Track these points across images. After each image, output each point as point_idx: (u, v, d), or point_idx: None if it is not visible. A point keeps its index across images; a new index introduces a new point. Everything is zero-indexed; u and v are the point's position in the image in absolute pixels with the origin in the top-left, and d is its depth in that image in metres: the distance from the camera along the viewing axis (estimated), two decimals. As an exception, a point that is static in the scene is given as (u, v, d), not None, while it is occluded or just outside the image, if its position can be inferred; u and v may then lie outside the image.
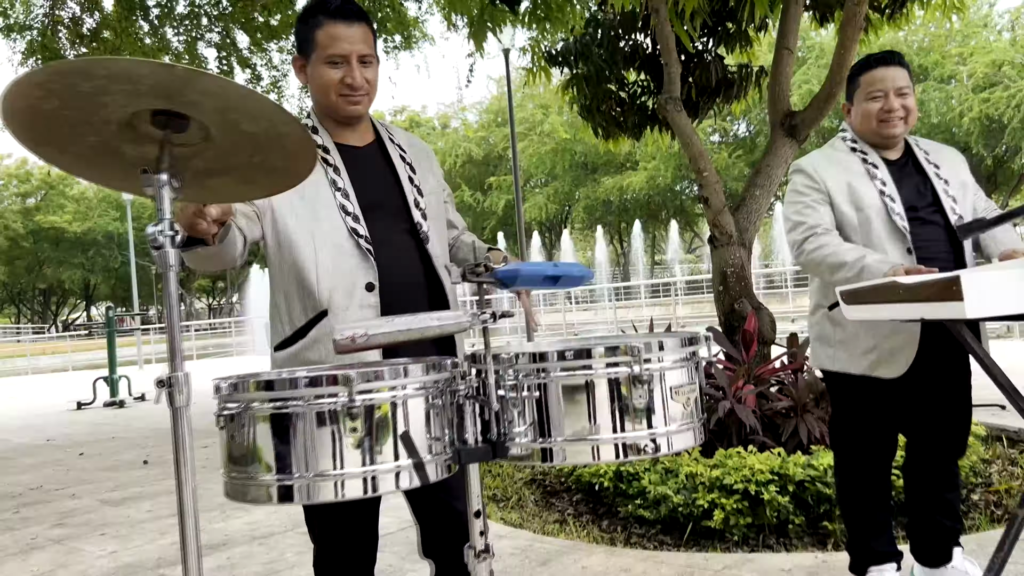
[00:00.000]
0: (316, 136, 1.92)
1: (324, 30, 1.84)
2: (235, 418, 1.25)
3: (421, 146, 2.12)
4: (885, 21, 6.58)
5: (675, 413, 1.35)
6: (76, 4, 9.61)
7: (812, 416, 3.89)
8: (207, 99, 0.98)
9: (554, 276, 1.35)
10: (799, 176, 2.56)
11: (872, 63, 2.49)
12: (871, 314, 1.95)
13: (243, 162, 1.16)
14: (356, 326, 1.24)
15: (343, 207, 1.85)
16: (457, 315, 1.31)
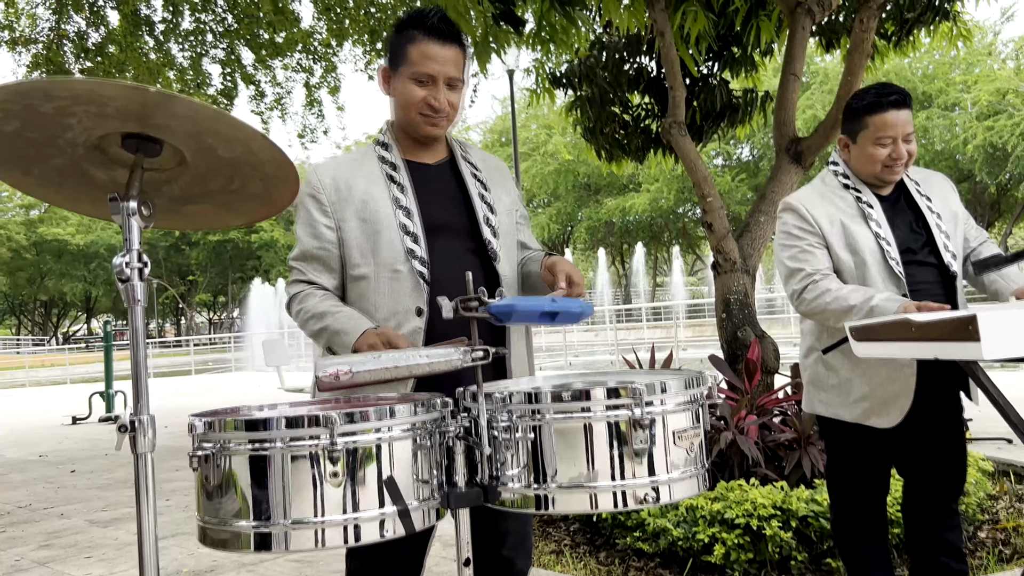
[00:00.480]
0: (387, 152, 1.90)
1: (417, 46, 1.81)
2: (209, 459, 1.18)
3: (496, 164, 2.08)
4: (891, 48, 6.56)
5: (678, 459, 1.28)
6: (82, 19, 9.62)
7: (816, 448, 3.80)
8: (179, 122, 0.92)
9: (551, 312, 1.28)
10: (790, 216, 2.44)
11: (884, 104, 2.31)
12: (882, 352, 1.88)
13: (220, 188, 1.09)
14: (341, 363, 1.17)
15: (404, 226, 1.81)
16: (448, 352, 1.24)
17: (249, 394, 12.84)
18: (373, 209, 1.82)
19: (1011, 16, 37.13)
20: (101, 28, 9.73)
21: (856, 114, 2.38)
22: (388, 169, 1.87)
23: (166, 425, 10.07)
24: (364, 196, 1.84)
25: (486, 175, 1.98)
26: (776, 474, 3.76)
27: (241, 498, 1.16)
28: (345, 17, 9.61)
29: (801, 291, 2.35)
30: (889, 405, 2.29)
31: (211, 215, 1.21)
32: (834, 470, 2.56)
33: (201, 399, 13.94)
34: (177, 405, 12.68)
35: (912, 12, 6.18)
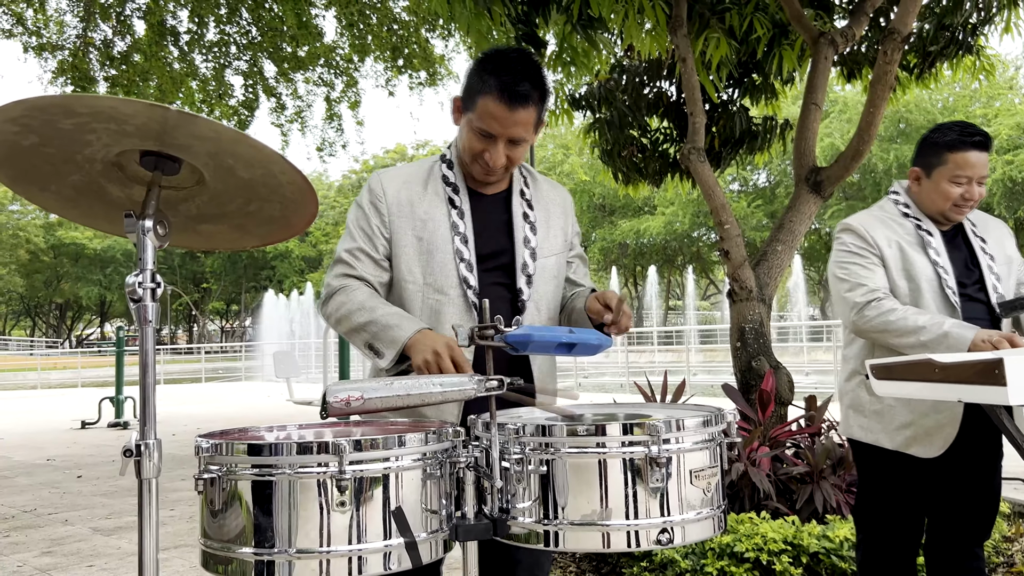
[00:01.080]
0: (450, 172, 1.87)
1: (486, 101, 1.73)
2: (215, 482, 1.15)
3: (559, 199, 2.01)
4: (913, 80, 6.54)
5: (694, 500, 1.24)
6: (109, 27, 9.75)
7: (829, 483, 3.74)
8: (199, 142, 0.91)
9: (569, 343, 1.25)
10: (849, 235, 2.43)
11: (968, 144, 2.31)
12: (903, 391, 1.83)
13: (238, 209, 1.08)
14: (352, 388, 1.15)
15: (459, 252, 1.79)
16: (461, 381, 1.22)
17: (258, 405, 12.85)
18: (432, 229, 1.81)
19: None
20: (127, 37, 9.85)
21: (936, 149, 2.37)
22: (450, 191, 1.85)
23: (174, 433, 10.08)
24: (424, 215, 1.82)
25: (541, 214, 1.93)
26: (788, 508, 3.70)
27: (245, 523, 1.13)
28: (368, 33, 9.69)
29: (864, 305, 2.31)
30: (933, 435, 2.25)
31: (227, 236, 1.20)
32: (866, 503, 2.50)
33: (210, 408, 13.96)
34: (186, 413, 12.70)
35: (935, 45, 6.15)
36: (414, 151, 41.70)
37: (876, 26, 6.05)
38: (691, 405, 1.48)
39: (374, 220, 1.82)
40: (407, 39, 9.63)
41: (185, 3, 9.31)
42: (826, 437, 4.03)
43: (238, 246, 1.25)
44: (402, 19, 9.44)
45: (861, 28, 5.39)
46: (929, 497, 2.43)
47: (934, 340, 2.14)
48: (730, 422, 1.33)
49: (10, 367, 31.46)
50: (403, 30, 9.57)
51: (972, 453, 2.32)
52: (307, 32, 9.39)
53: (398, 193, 1.84)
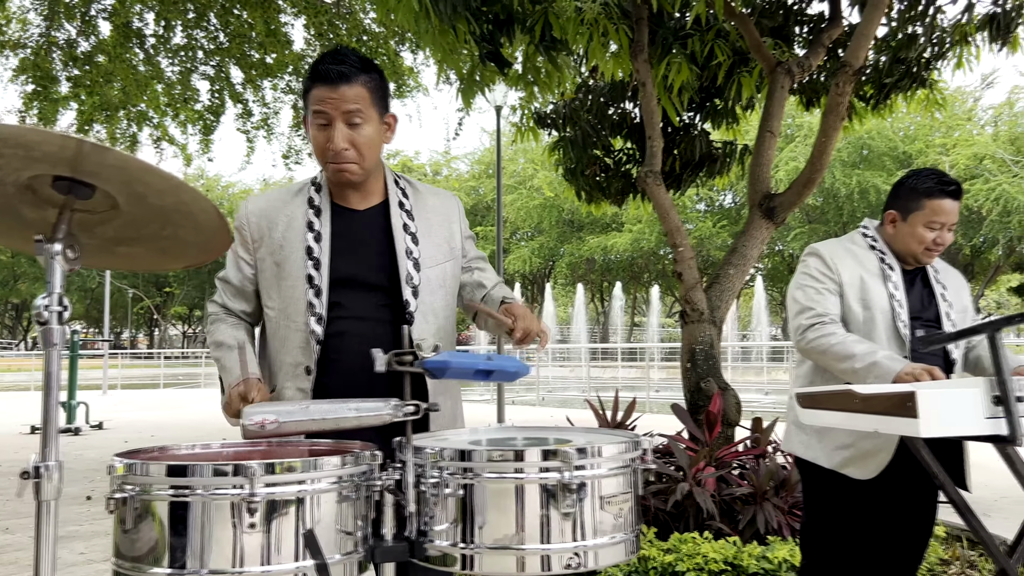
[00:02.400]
0: (316, 195, 1.85)
1: (312, 92, 1.77)
2: (128, 502, 1.16)
3: (441, 207, 1.98)
4: (869, 110, 6.70)
5: (605, 525, 1.27)
6: (73, 27, 9.62)
7: (771, 505, 3.80)
8: (109, 171, 0.92)
9: (486, 370, 1.28)
10: (815, 260, 2.53)
11: (945, 192, 2.42)
12: (826, 420, 1.89)
13: (154, 233, 1.10)
14: (268, 412, 1.16)
15: (310, 278, 1.77)
16: (377, 407, 1.24)
17: (215, 412, 12.69)
18: (286, 255, 1.80)
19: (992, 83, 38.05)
20: (92, 37, 9.73)
21: (914, 194, 2.46)
22: (311, 214, 1.82)
23: (126, 440, 9.91)
24: (281, 240, 1.82)
25: (423, 224, 1.90)
26: (731, 528, 3.76)
27: (158, 543, 1.14)
28: (337, 43, 9.67)
29: (807, 327, 2.42)
30: (868, 458, 2.32)
31: (146, 258, 1.21)
32: (808, 519, 2.57)
33: (166, 414, 13.74)
34: (142, 420, 12.49)
35: (891, 78, 6.31)
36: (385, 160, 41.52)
37: (835, 56, 6.20)
38: (615, 431, 1.51)
39: (239, 247, 1.85)
40: (376, 50, 9.64)
41: (152, 6, 9.23)
42: (771, 459, 4.10)
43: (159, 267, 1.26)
44: (372, 31, 9.46)
45: (818, 58, 5.53)
46: (864, 519, 2.49)
47: (864, 368, 2.22)
48: (647, 448, 1.37)
49: (-39, 368, 30.66)
50: (372, 41, 9.58)
51: (907, 478, 2.39)
52: (275, 40, 9.35)
53: (260, 219, 1.85)
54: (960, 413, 1.64)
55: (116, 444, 9.63)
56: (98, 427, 11.00)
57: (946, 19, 5.97)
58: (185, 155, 11.03)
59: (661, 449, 4.33)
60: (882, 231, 2.58)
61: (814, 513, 2.54)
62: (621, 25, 4.91)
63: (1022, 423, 1.65)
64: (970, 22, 5.80)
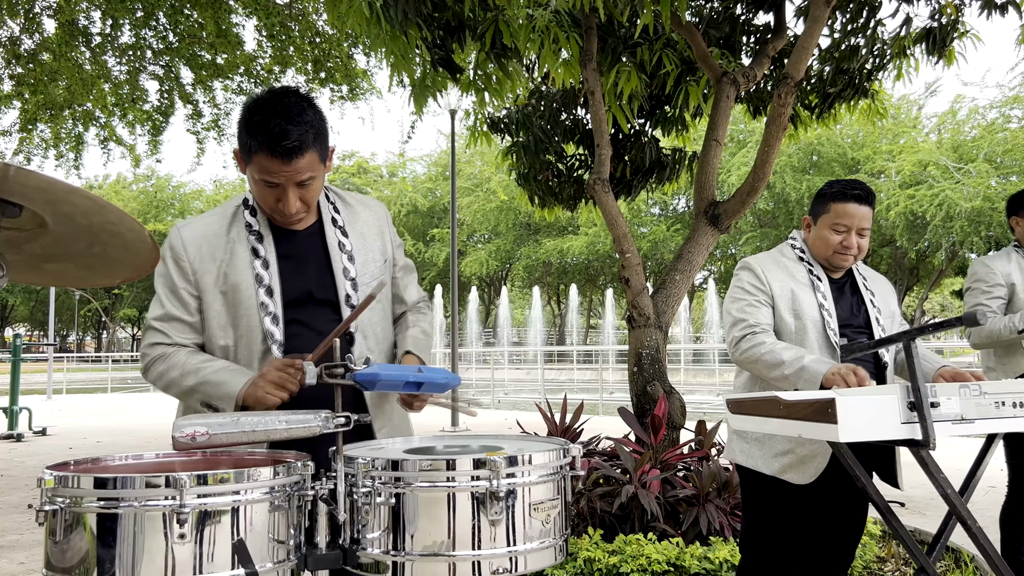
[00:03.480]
0: (254, 219, 1.82)
1: (259, 158, 1.70)
2: (57, 514, 1.17)
3: (371, 219, 1.97)
4: (814, 119, 6.87)
5: (533, 531, 1.32)
6: (16, 24, 9.40)
7: (714, 506, 3.89)
8: (35, 192, 0.94)
9: (417, 382, 1.31)
10: (746, 273, 2.62)
11: (848, 196, 2.52)
12: (753, 426, 1.96)
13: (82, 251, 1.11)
14: (198, 424, 1.18)
15: (264, 305, 1.75)
16: (307, 419, 1.26)
17: (162, 416, 12.45)
18: (234, 283, 1.77)
19: (935, 91, 39.15)
20: (36, 35, 9.51)
21: (823, 199, 2.60)
22: (254, 240, 1.80)
23: (71, 447, 9.69)
24: (226, 268, 1.78)
25: (356, 240, 1.90)
26: (675, 529, 3.84)
27: (88, 555, 1.15)
28: (289, 45, 9.61)
29: (739, 339, 2.50)
30: (806, 463, 2.42)
31: (74, 274, 1.22)
32: (747, 523, 2.66)
33: (112, 420, 13.45)
34: (87, 426, 12.22)
35: (834, 87, 6.49)
36: (340, 161, 41.25)
37: (781, 66, 6.36)
38: (544, 438, 1.56)
39: (178, 279, 1.78)
40: (329, 52, 9.59)
41: (98, 4, 9.06)
42: (713, 461, 4.19)
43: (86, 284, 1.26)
44: (324, 32, 9.40)
45: (762, 68, 5.66)
46: (801, 522, 2.59)
47: (794, 374, 2.31)
48: (576, 456, 1.41)
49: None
50: (325, 43, 9.53)
51: (841, 482, 2.49)
52: (226, 41, 9.24)
53: (200, 248, 1.79)
54: (877, 418, 1.72)
55: (59, 451, 9.41)
56: (41, 433, 10.74)
57: (886, 32, 6.16)
58: (133, 156, 10.84)
59: (607, 452, 4.41)
60: (805, 238, 2.69)
61: (752, 517, 2.63)
62: (572, 33, 4.98)
63: (935, 428, 1.74)
64: (908, 35, 5.99)
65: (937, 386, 1.81)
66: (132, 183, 45.12)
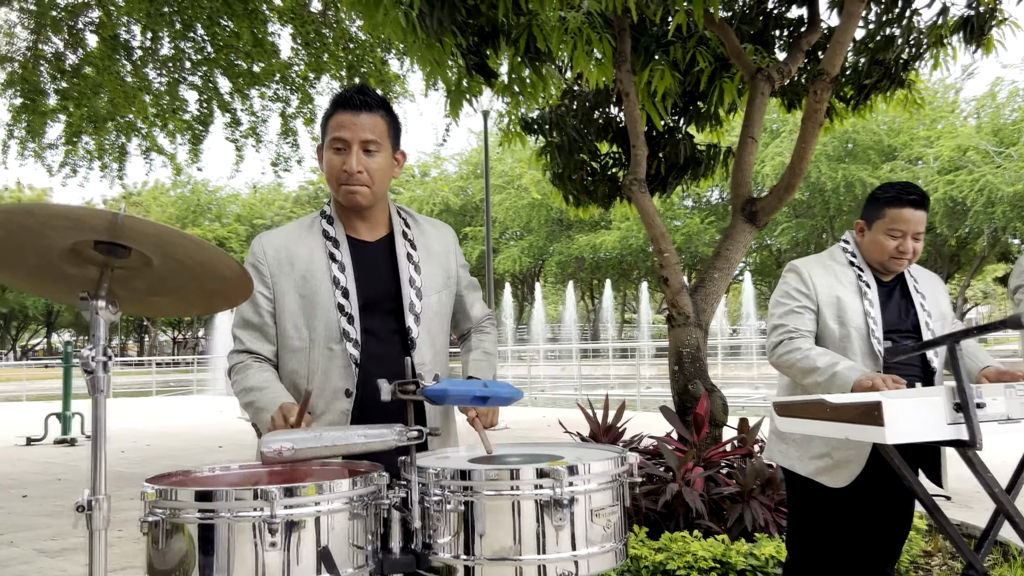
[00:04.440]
0: (330, 227, 1.95)
1: (334, 119, 1.90)
2: (159, 525, 1.27)
3: (438, 235, 2.10)
4: (849, 110, 6.83)
5: (595, 536, 1.39)
6: (60, 40, 9.67)
7: (758, 503, 3.93)
8: (145, 236, 1.03)
9: (483, 396, 1.39)
10: (793, 277, 2.64)
11: (903, 201, 2.53)
12: (800, 428, 2.01)
13: (182, 285, 1.20)
14: (284, 440, 1.27)
15: (340, 306, 1.87)
16: (383, 433, 1.35)
17: (209, 420, 12.74)
18: (313, 286, 1.89)
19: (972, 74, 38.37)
20: (79, 50, 9.77)
21: (877, 203, 2.60)
22: (330, 245, 1.93)
23: (123, 450, 9.97)
24: (304, 271, 1.90)
25: (423, 253, 2.02)
26: (719, 527, 3.88)
27: (188, 562, 1.25)
28: (324, 51, 9.76)
29: (776, 344, 2.55)
30: (841, 468, 2.45)
31: (172, 306, 1.32)
32: (792, 522, 2.70)
33: (160, 423, 13.78)
34: (135, 429, 12.54)
35: (869, 79, 6.45)
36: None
37: (815, 59, 6.34)
38: (602, 446, 1.63)
39: (257, 285, 1.89)
40: (362, 58, 9.73)
41: (139, 18, 9.28)
42: (756, 458, 4.22)
43: (182, 313, 1.36)
44: (358, 38, 9.54)
45: (797, 63, 5.66)
46: (845, 520, 2.62)
47: (826, 380, 2.34)
48: (632, 463, 1.48)
49: (-49, 379, 30.54)
50: (359, 49, 9.67)
51: (881, 483, 2.52)
52: (262, 49, 9.42)
53: (278, 253, 1.93)
54: (923, 420, 1.77)
55: (111, 454, 9.68)
56: (93, 437, 11.04)
57: (922, 21, 6.11)
58: (174, 165, 11.08)
59: (650, 450, 4.46)
60: (857, 242, 2.70)
61: (797, 516, 2.67)
62: (604, 34, 5.02)
63: (981, 428, 1.77)
64: (945, 25, 5.93)
65: (983, 387, 1.84)
66: (170, 188, 45.92)
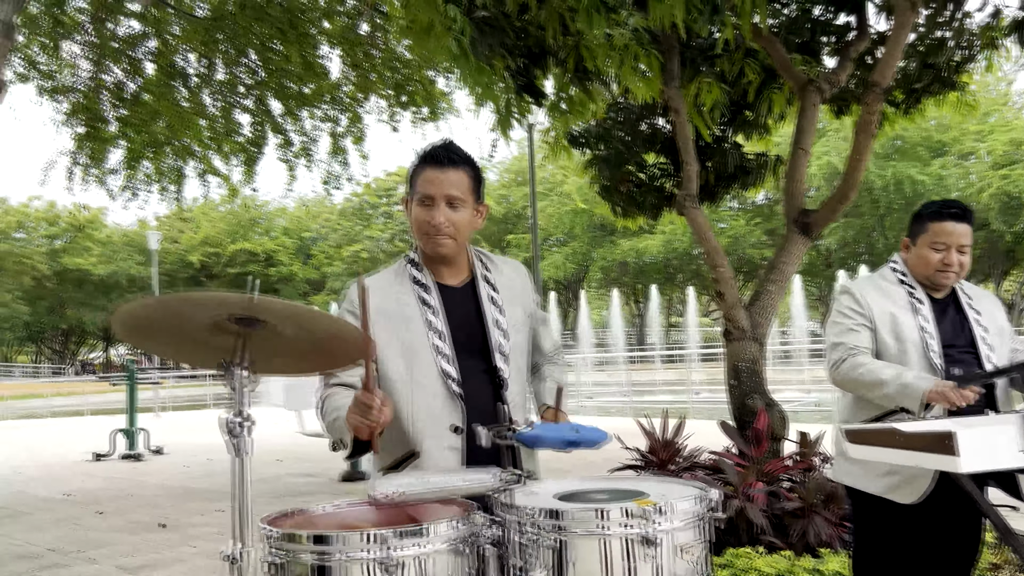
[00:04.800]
0: (419, 273, 2.07)
1: (420, 174, 2.03)
2: (284, 567, 1.38)
3: (515, 275, 2.22)
4: (900, 114, 6.78)
5: (681, 571, 1.46)
6: (120, 69, 10.02)
7: (821, 517, 3.94)
8: (279, 313, 1.16)
9: (574, 441, 1.48)
10: (846, 298, 2.69)
11: (945, 215, 2.59)
12: (873, 455, 2.05)
13: (305, 348, 1.32)
14: (392, 485, 1.38)
15: (437, 348, 1.98)
16: (483, 478, 1.44)
17: (268, 434, 12.96)
18: (413, 330, 2.00)
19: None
20: (138, 78, 10.12)
21: (920, 219, 2.67)
22: (421, 291, 2.04)
23: (186, 465, 10.28)
24: (400, 315, 2.01)
25: (505, 294, 2.13)
26: (782, 542, 3.90)
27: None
28: (371, 71, 9.97)
29: (839, 362, 2.59)
30: (912, 483, 2.47)
31: (293, 365, 1.44)
32: (858, 543, 2.73)
33: (217, 436, 14.03)
34: (196, 443, 12.84)
35: (920, 83, 6.40)
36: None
37: (863, 65, 6.30)
38: (685, 481, 1.70)
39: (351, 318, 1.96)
40: (410, 77, 9.91)
41: (194, 46, 9.59)
42: (818, 472, 4.23)
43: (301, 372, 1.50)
44: (404, 58, 9.72)
45: (845, 73, 5.64)
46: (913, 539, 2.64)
47: (896, 391, 2.38)
48: (716, 500, 1.55)
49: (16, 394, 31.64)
50: (406, 68, 9.85)
51: (951, 500, 2.53)
52: (312, 71, 9.66)
53: (375, 298, 1.98)
54: (996, 448, 1.80)
55: (175, 468, 10.00)
56: (158, 452, 11.39)
57: (974, 23, 6.04)
58: (229, 186, 11.40)
59: (710, 465, 4.49)
60: (905, 260, 2.73)
61: (864, 537, 2.69)
62: (651, 50, 5.08)
63: (1054, 455, 1.80)
64: (997, 27, 5.86)
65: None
66: (219, 204, 46.98)
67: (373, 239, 45.26)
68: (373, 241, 45.29)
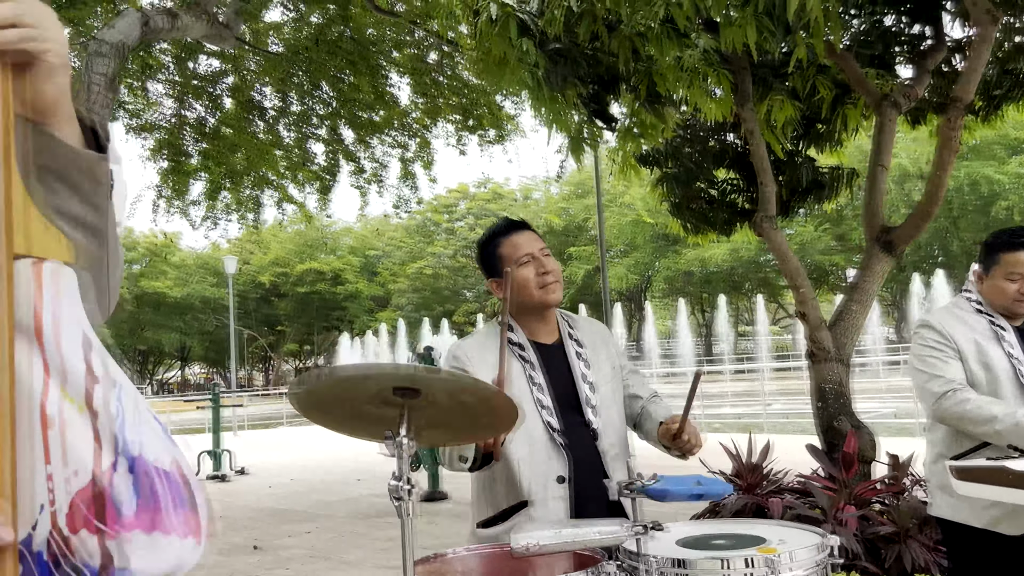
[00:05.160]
0: (513, 333, 2.19)
1: (505, 243, 2.19)
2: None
3: (597, 331, 2.34)
4: (980, 122, 6.64)
5: (802, 617, 1.52)
6: (201, 105, 10.49)
7: (917, 542, 3.89)
8: (439, 384, 1.28)
9: (699, 493, 1.55)
10: (928, 331, 2.67)
11: (1016, 245, 2.58)
12: (982, 493, 2.06)
13: (458, 421, 1.43)
14: (530, 537, 1.47)
15: (539, 401, 2.09)
16: (615, 529, 1.52)
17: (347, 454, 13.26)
18: (512, 384, 2.09)
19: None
20: (217, 113, 10.57)
21: (991, 250, 2.66)
22: (517, 349, 2.16)
23: (269, 486, 10.60)
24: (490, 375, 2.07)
25: (590, 351, 2.24)
26: (876, 567, 3.87)
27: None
28: (439, 97, 10.21)
29: (941, 395, 2.54)
30: (1019, 513, 2.42)
31: (443, 436, 1.57)
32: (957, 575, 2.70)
33: (295, 456, 14.42)
34: (277, 463, 13.20)
35: (999, 89, 6.27)
36: (476, 189, 42.66)
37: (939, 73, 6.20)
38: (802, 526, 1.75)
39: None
40: (476, 101, 10.12)
41: (270, 81, 9.98)
42: (910, 495, 4.18)
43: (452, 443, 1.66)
44: (471, 84, 9.93)
45: (923, 86, 5.57)
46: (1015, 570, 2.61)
47: (1007, 429, 2.36)
48: (834, 546, 1.60)
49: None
50: (472, 93, 10.06)
51: None
52: (383, 100, 9.95)
53: (476, 356, 2.16)
54: (1113, 489, 1.80)
55: (260, 489, 10.32)
56: (241, 472, 11.77)
57: (1055, 27, 5.90)
58: (304, 212, 11.77)
59: (798, 488, 4.47)
60: (980, 290, 2.71)
61: (963, 570, 2.66)
62: (721, 71, 5.11)
63: None
64: (1081, 30, 5.72)
65: None
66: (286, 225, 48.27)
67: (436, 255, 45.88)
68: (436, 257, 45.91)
